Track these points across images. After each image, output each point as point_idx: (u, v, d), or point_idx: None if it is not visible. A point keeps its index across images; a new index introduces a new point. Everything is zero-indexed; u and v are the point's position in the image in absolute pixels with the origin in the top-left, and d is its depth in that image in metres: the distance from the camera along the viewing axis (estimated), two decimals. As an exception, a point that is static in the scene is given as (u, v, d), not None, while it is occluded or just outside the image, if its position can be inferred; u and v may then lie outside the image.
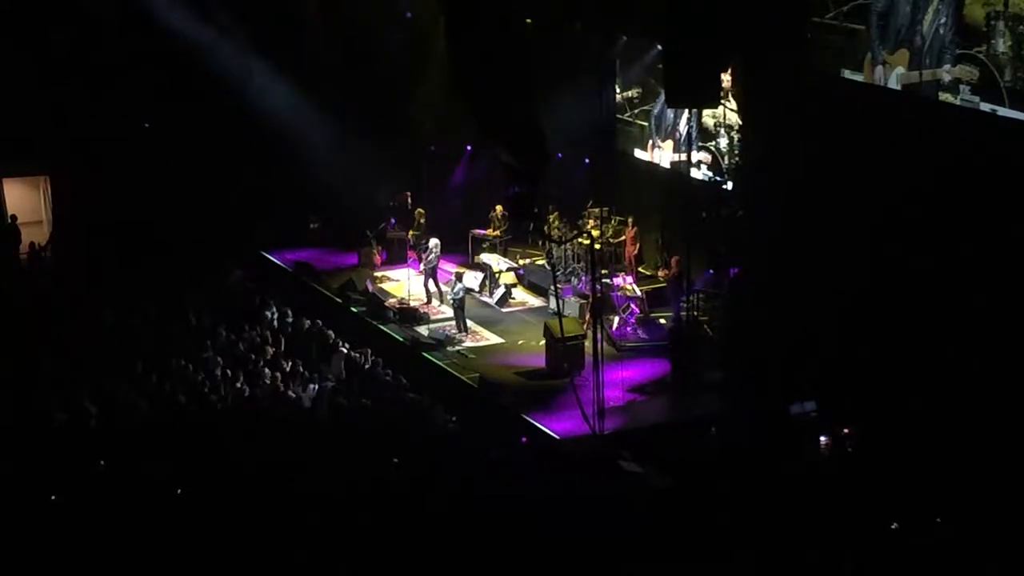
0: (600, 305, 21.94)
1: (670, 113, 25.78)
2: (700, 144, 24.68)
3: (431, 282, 26.50)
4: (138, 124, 31.12)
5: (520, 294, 26.97)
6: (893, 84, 19.25)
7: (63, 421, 19.48)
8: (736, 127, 23.82)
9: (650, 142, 26.68)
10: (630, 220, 26.73)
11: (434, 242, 26.51)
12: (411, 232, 28.30)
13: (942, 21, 17.77)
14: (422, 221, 28.34)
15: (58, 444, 18.58)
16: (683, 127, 25.04)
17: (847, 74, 20.08)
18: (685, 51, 20.13)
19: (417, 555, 14.81)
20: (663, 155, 26.29)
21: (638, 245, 26.60)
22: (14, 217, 30.55)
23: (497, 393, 21.76)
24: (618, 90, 27.37)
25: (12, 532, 15.56)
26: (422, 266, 26.75)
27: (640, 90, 26.94)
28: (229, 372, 21.67)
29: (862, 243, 20.01)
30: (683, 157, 24.42)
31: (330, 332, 24.21)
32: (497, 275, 26.81)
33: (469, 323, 24.96)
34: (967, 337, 18.44)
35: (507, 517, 15.63)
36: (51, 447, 18.40)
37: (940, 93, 18.39)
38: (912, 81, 18.69)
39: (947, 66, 18.07)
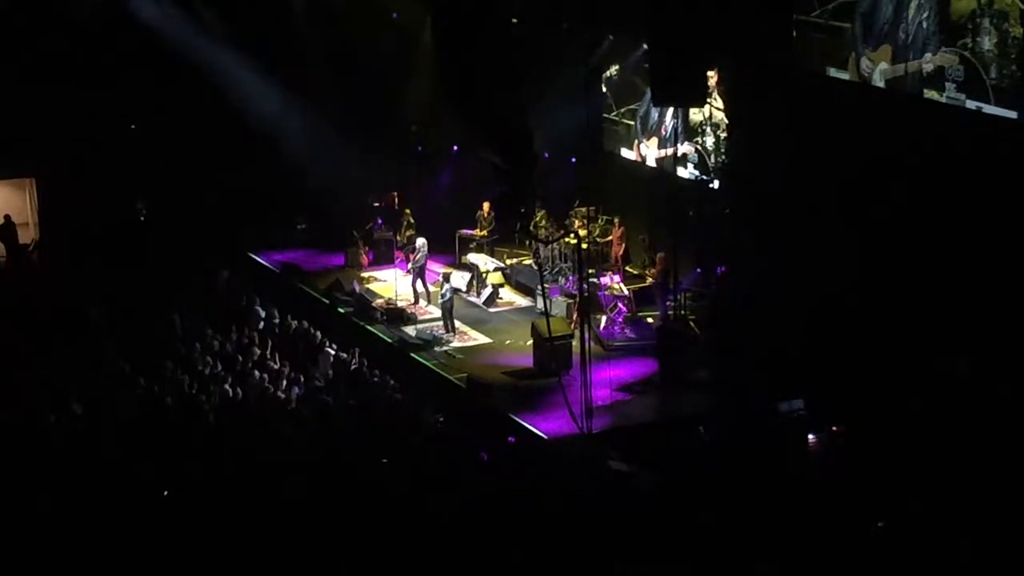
0: (587, 304, 21.96)
1: (655, 111, 25.80)
2: (685, 139, 24.69)
3: (419, 282, 26.49)
4: (125, 125, 31.12)
5: (507, 294, 26.97)
6: (877, 80, 19.17)
7: (51, 423, 19.44)
8: (722, 125, 23.85)
9: (636, 141, 26.70)
10: (616, 220, 26.75)
11: (421, 242, 26.50)
12: (406, 233, 28.26)
13: (924, 15, 17.72)
14: (412, 221, 28.36)
15: (46, 446, 18.53)
16: (668, 123, 25.06)
17: (832, 72, 20.04)
18: (671, 50, 20.13)
19: (408, 556, 14.81)
20: (648, 152, 26.31)
21: (624, 245, 26.61)
22: (7, 216, 30.48)
23: (485, 393, 21.75)
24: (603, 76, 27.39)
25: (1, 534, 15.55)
26: (410, 266, 26.73)
27: (618, 68, 26.93)
28: (217, 373, 21.65)
29: (849, 241, 20.04)
30: (668, 152, 24.44)
31: (317, 333, 24.19)
32: (484, 275, 26.80)
33: (457, 323, 24.95)
34: (956, 334, 18.48)
35: (496, 517, 15.64)
36: (38, 449, 18.35)
37: (925, 90, 18.36)
38: (896, 75, 18.65)
39: (928, 55, 17.92)
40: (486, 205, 27.61)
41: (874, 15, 18.85)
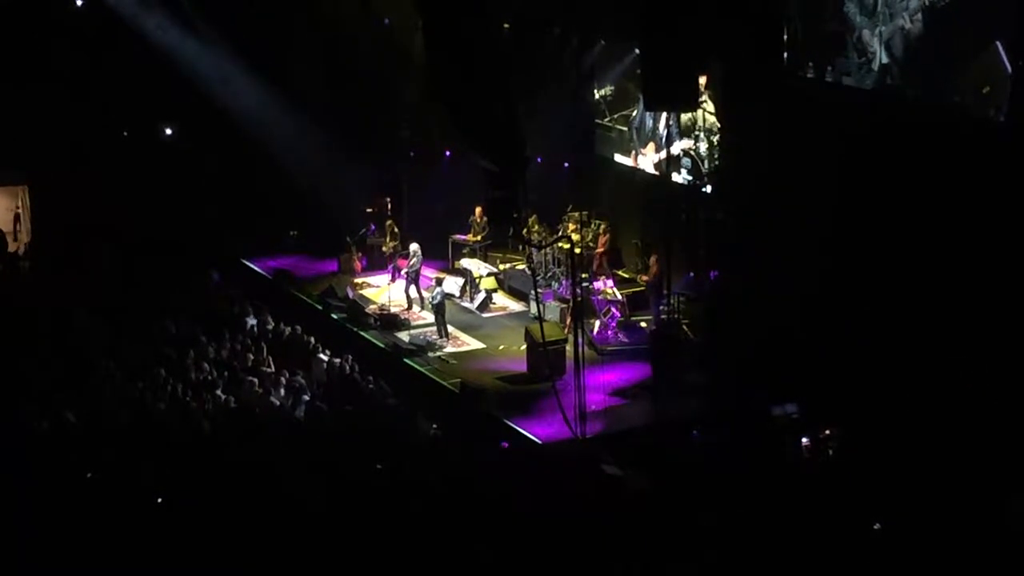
0: (581, 309, 21.96)
1: (649, 119, 25.82)
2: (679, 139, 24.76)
3: (413, 288, 26.43)
4: (117, 132, 31.09)
5: (501, 299, 26.97)
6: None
7: (44, 430, 19.40)
8: (715, 129, 23.87)
9: (633, 151, 26.62)
10: (603, 225, 26.69)
11: (414, 247, 26.45)
12: (390, 243, 28.28)
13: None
14: (396, 231, 28.37)
15: (39, 453, 18.50)
16: (662, 128, 25.07)
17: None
18: (662, 54, 20.13)
19: (402, 561, 14.80)
20: (646, 161, 26.26)
21: (608, 248, 26.54)
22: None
23: (479, 398, 21.74)
24: (596, 92, 27.43)
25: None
26: (404, 271, 26.69)
27: (613, 88, 26.98)
28: (210, 380, 21.63)
29: (842, 244, 20.05)
30: (664, 156, 24.48)
31: (311, 339, 24.18)
32: (478, 280, 26.79)
33: (450, 328, 24.93)
34: (948, 336, 18.48)
35: (490, 521, 15.63)
36: (32, 456, 18.32)
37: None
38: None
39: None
40: (478, 210, 27.57)
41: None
